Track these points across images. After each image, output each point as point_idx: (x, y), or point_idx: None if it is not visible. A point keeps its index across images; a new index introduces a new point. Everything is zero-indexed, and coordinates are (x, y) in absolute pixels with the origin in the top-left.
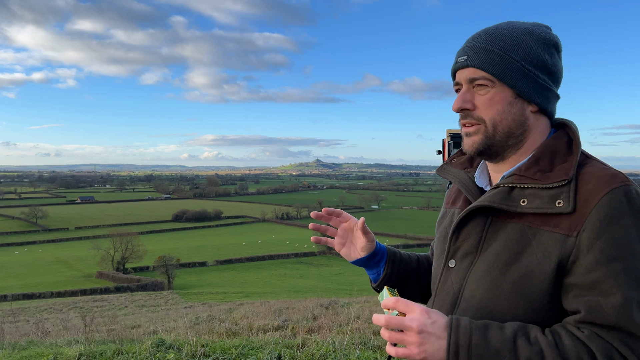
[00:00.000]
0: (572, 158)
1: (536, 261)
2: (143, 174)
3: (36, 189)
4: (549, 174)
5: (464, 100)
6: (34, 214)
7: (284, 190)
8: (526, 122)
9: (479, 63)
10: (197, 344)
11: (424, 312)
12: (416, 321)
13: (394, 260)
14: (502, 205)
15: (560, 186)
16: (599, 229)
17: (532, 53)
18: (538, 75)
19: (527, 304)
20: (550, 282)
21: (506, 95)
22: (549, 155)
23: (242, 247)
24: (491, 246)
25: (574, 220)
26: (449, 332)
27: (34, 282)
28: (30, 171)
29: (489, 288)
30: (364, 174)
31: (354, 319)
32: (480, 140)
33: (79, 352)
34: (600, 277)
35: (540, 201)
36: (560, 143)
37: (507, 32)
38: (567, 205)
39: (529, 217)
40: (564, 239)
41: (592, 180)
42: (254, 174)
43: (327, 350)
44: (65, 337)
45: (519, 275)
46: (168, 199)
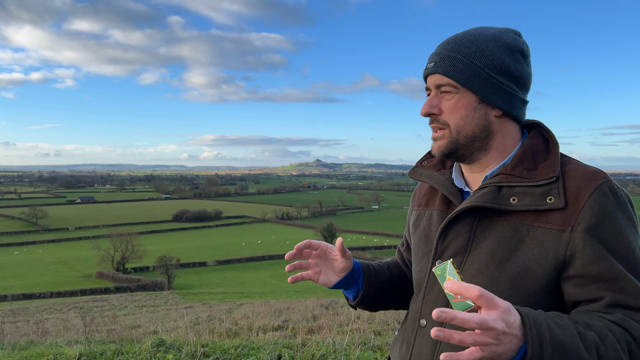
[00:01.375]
0: (553, 156)
1: (532, 257)
2: (143, 174)
3: (36, 189)
4: (534, 172)
5: (431, 106)
6: (34, 214)
7: (284, 190)
8: (490, 126)
9: (444, 70)
10: (197, 344)
11: (506, 310)
12: (501, 322)
13: (369, 274)
14: (493, 205)
15: (549, 183)
16: (595, 223)
17: (496, 60)
18: (501, 81)
19: (525, 299)
20: (548, 277)
21: (470, 101)
22: (531, 154)
23: (242, 247)
24: (482, 245)
25: (567, 215)
26: (525, 330)
27: (34, 282)
28: (30, 171)
29: (487, 285)
30: (364, 174)
31: (354, 319)
32: (445, 145)
33: (79, 352)
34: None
35: (531, 198)
36: (538, 142)
37: (473, 38)
38: (559, 201)
39: (520, 214)
40: (558, 234)
41: (577, 177)
42: (254, 174)
43: (327, 350)
44: (65, 337)
45: (517, 271)
46: (168, 199)
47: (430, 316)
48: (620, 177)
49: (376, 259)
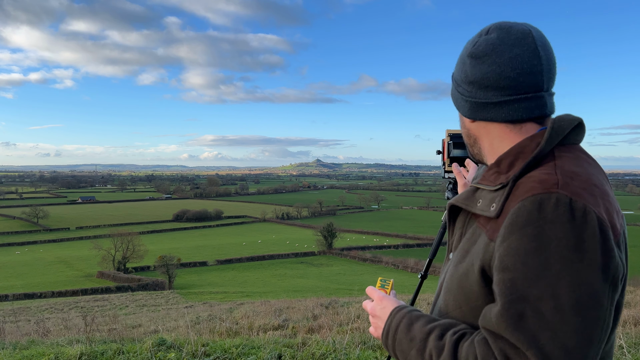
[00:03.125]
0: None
1: (471, 262)
2: (144, 174)
3: (37, 189)
4: (502, 175)
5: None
6: (35, 214)
7: (284, 190)
8: (470, 133)
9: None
10: (197, 344)
11: (379, 299)
12: (370, 306)
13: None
14: (461, 204)
15: (498, 189)
16: (502, 236)
17: (457, 71)
18: (460, 90)
19: (467, 302)
20: (479, 284)
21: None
22: (512, 156)
23: (243, 247)
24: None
25: (497, 226)
26: (388, 317)
27: (35, 281)
28: (31, 171)
29: (448, 282)
30: (364, 174)
31: (354, 318)
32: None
33: (80, 351)
34: (495, 284)
35: (485, 203)
36: (532, 144)
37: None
38: (495, 209)
39: (481, 218)
40: (488, 244)
41: (524, 185)
42: (255, 174)
43: (327, 349)
44: (66, 336)
45: (461, 274)
46: (169, 199)
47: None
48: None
49: (376, 259)
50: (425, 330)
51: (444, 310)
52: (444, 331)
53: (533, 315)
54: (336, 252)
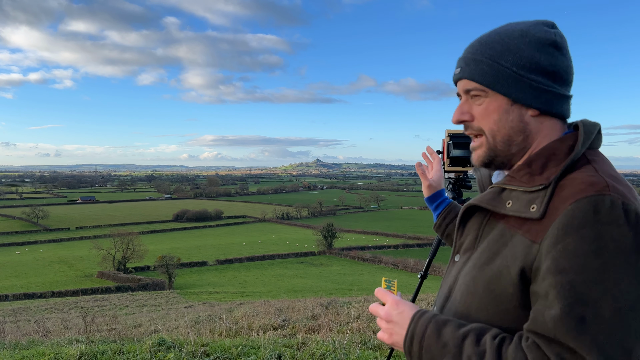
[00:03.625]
0: (561, 163)
1: (505, 264)
2: (144, 174)
3: (37, 189)
4: (536, 177)
5: (462, 112)
6: (35, 214)
7: (284, 190)
8: (527, 128)
9: (469, 74)
10: (197, 344)
11: (394, 303)
12: (384, 311)
13: (446, 216)
14: (488, 205)
15: (538, 190)
16: (556, 237)
17: (524, 56)
18: (532, 78)
19: (497, 305)
20: (516, 286)
21: (501, 104)
22: (544, 158)
23: (243, 247)
24: (481, 244)
25: (542, 227)
26: (409, 322)
27: (35, 281)
28: (31, 171)
29: (469, 284)
30: (364, 174)
31: (354, 318)
32: (484, 154)
33: (80, 351)
34: (548, 287)
35: (520, 204)
36: (563, 146)
37: (498, 37)
38: (537, 211)
39: (511, 219)
40: (530, 245)
41: (570, 187)
42: (255, 174)
43: (327, 349)
44: (66, 336)
45: (490, 276)
46: (169, 199)
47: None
48: None
49: (376, 259)
50: (458, 336)
51: (463, 313)
52: (479, 336)
53: (593, 318)
54: (336, 252)
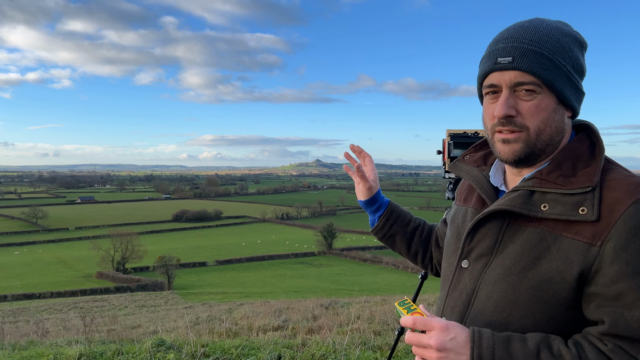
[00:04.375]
0: (595, 163)
1: (556, 268)
2: (143, 174)
3: (36, 189)
4: (571, 179)
5: (509, 106)
6: (34, 214)
7: (284, 190)
8: (564, 129)
9: (529, 66)
10: (197, 344)
11: (443, 328)
12: (434, 339)
13: (389, 217)
14: (522, 210)
15: (583, 193)
16: (625, 240)
17: (574, 56)
18: (577, 79)
19: (546, 310)
20: (571, 290)
21: (551, 102)
22: (571, 159)
23: (242, 247)
24: (507, 249)
25: (599, 229)
26: (471, 347)
27: (34, 282)
28: (30, 171)
29: (507, 292)
30: None
31: (354, 319)
32: (521, 149)
33: (79, 352)
34: (625, 289)
35: (563, 207)
36: (583, 147)
37: (548, 32)
38: (592, 213)
39: (549, 222)
40: (587, 248)
41: (617, 188)
42: (254, 174)
43: (327, 350)
44: (65, 337)
45: (538, 281)
46: (168, 199)
47: (450, 314)
48: None
49: (376, 259)
50: (530, 351)
51: (501, 322)
52: (549, 346)
53: None
54: (336, 252)
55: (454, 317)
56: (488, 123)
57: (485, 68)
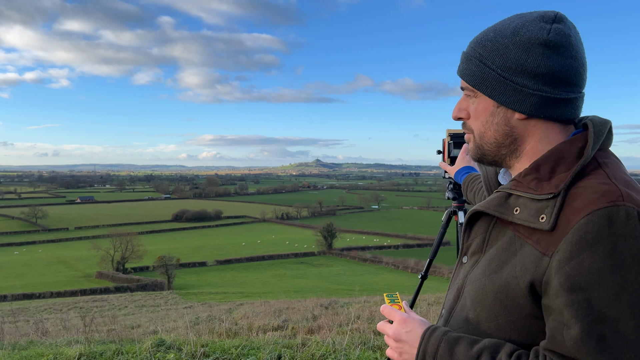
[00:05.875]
0: (572, 168)
1: (514, 274)
2: (143, 174)
3: (36, 189)
4: (544, 183)
5: (460, 109)
6: (34, 214)
7: (284, 190)
8: (514, 131)
9: (461, 73)
10: (197, 344)
11: (402, 321)
12: (392, 329)
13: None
14: (495, 212)
15: (547, 199)
16: (569, 252)
17: (510, 58)
18: (517, 81)
19: (506, 315)
20: (526, 298)
21: (487, 105)
22: (552, 162)
23: (242, 247)
24: (491, 249)
25: (553, 239)
26: (420, 341)
27: (34, 282)
28: (29, 171)
29: (478, 292)
30: (364, 174)
31: (354, 319)
32: (472, 151)
33: (79, 352)
34: (563, 305)
35: (528, 213)
36: (572, 148)
37: (492, 35)
38: (548, 222)
39: (520, 227)
40: (540, 257)
41: (581, 196)
42: (254, 174)
43: (327, 350)
44: (65, 337)
45: (499, 285)
46: (168, 199)
47: (446, 307)
48: None
49: (376, 259)
50: (472, 355)
51: (473, 320)
52: (493, 353)
53: (614, 336)
54: (336, 252)
55: (447, 310)
56: None
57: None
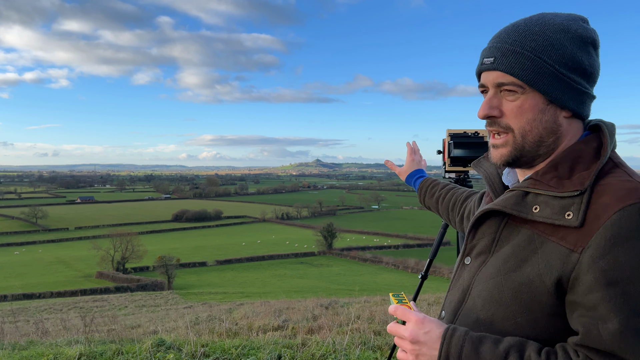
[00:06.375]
0: (594, 166)
1: (537, 272)
2: (143, 174)
3: (36, 189)
4: (565, 181)
5: (491, 107)
6: (34, 214)
7: (284, 190)
8: (559, 129)
9: (507, 67)
10: (197, 344)
11: (419, 321)
12: (409, 331)
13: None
14: (512, 211)
15: (572, 197)
16: (603, 248)
17: (567, 54)
18: (573, 78)
19: (526, 314)
20: (550, 295)
21: (537, 102)
22: (570, 161)
23: (242, 247)
24: (503, 249)
25: (581, 236)
26: (441, 342)
27: (34, 282)
28: (29, 171)
29: (493, 291)
30: (364, 174)
31: (354, 319)
32: (509, 153)
33: (79, 352)
34: (599, 300)
35: (551, 210)
36: (588, 148)
37: (539, 29)
38: (576, 218)
39: (540, 225)
40: (568, 254)
41: (608, 193)
42: (254, 174)
43: (327, 350)
44: (65, 337)
45: (520, 283)
46: (168, 199)
47: (447, 308)
48: None
49: (376, 259)
50: (499, 354)
51: (486, 321)
52: (521, 352)
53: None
54: (336, 252)
55: (449, 311)
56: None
57: (477, 69)
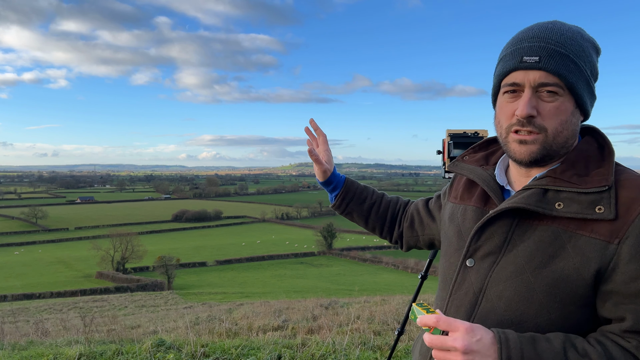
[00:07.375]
0: (608, 164)
1: (573, 266)
2: (143, 174)
3: (36, 189)
4: (585, 178)
5: (532, 106)
6: (34, 214)
7: (283, 190)
8: (577, 133)
9: (555, 67)
10: (197, 344)
11: (469, 330)
12: (460, 341)
13: (345, 196)
14: (537, 208)
15: (600, 192)
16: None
17: (592, 61)
18: (594, 85)
19: (560, 308)
20: (587, 288)
21: (570, 105)
22: (583, 159)
23: (242, 247)
24: (518, 247)
25: (616, 227)
26: (498, 348)
27: (34, 282)
28: (29, 171)
29: (520, 290)
30: (364, 174)
31: (354, 319)
32: (538, 150)
33: (79, 352)
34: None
35: (579, 206)
36: (592, 148)
37: (571, 35)
38: (609, 212)
39: (563, 220)
40: (604, 246)
41: (632, 187)
42: (254, 174)
43: (327, 350)
44: (65, 337)
45: (554, 279)
46: (168, 199)
47: (455, 313)
48: None
49: (376, 259)
50: (558, 351)
51: (514, 321)
52: (574, 346)
53: None
54: (336, 252)
55: (459, 316)
56: (504, 122)
57: (509, 66)
